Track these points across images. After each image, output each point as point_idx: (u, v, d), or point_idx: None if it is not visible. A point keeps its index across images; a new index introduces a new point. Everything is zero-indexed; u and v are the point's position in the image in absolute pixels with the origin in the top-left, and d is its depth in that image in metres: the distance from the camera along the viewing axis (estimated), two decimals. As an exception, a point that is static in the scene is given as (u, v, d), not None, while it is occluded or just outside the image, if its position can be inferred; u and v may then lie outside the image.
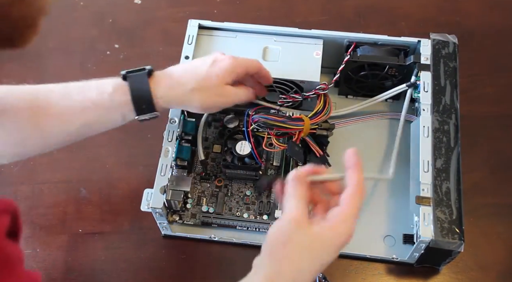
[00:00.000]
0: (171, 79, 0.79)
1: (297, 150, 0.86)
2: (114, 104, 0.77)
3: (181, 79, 0.79)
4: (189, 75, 0.79)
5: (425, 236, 0.76)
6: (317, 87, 0.87)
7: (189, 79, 0.79)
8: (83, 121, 0.77)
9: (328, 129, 0.88)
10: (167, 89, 0.78)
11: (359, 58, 0.91)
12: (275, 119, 0.84)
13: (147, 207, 0.81)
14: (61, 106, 0.76)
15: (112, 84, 0.77)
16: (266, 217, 0.88)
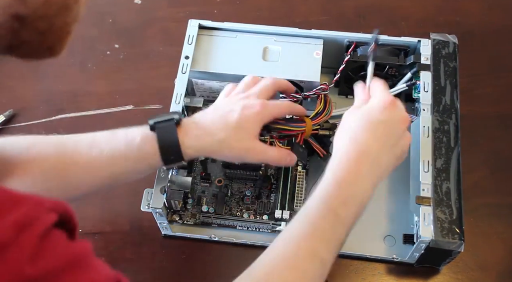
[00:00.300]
0: (200, 129, 0.76)
1: (301, 151, 0.86)
2: (142, 155, 0.75)
3: (210, 129, 0.76)
4: (218, 123, 0.76)
5: (425, 236, 0.76)
6: (318, 87, 0.87)
7: (219, 129, 0.76)
8: (109, 172, 0.75)
9: (330, 129, 0.88)
10: (196, 139, 0.75)
11: (359, 58, 0.91)
12: (277, 122, 0.84)
13: (147, 207, 0.81)
14: (89, 157, 0.74)
15: (141, 134, 0.75)
16: (266, 217, 0.88)
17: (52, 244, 0.45)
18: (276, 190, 0.90)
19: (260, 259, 0.66)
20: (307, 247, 0.65)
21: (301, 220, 0.68)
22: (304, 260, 0.65)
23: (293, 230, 0.68)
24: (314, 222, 0.67)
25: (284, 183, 0.89)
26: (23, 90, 1.06)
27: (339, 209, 0.68)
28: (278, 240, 0.67)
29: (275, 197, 0.89)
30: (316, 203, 0.68)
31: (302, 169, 0.91)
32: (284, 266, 0.64)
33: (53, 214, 0.46)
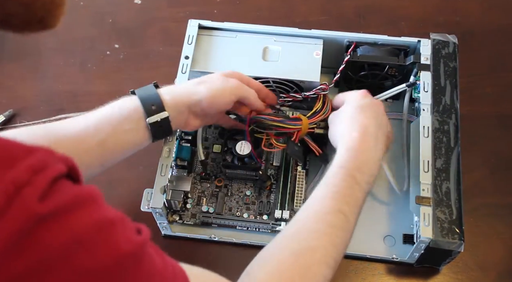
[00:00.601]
0: (174, 89, 0.81)
1: (297, 149, 0.86)
2: (123, 112, 0.77)
3: (183, 84, 0.83)
4: (191, 81, 0.82)
5: (425, 236, 0.76)
6: (318, 87, 0.87)
7: (191, 82, 0.82)
8: (97, 139, 0.75)
9: (326, 128, 0.88)
10: (172, 87, 0.81)
11: (359, 58, 0.91)
12: (273, 119, 0.84)
13: (147, 207, 0.81)
14: (76, 127, 0.75)
15: (122, 99, 0.78)
16: (266, 217, 0.88)
17: (62, 187, 0.46)
18: (276, 190, 0.90)
19: (291, 221, 0.72)
20: (330, 205, 0.71)
21: (322, 185, 0.74)
22: (329, 215, 0.70)
23: (316, 194, 0.73)
24: (335, 185, 0.73)
25: (284, 183, 0.89)
26: (23, 90, 1.06)
27: (355, 173, 0.74)
28: (305, 204, 0.73)
29: (275, 197, 0.89)
30: (334, 170, 0.74)
31: (301, 169, 0.91)
32: (312, 220, 0.70)
33: (63, 165, 0.47)
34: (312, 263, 0.67)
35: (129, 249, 0.48)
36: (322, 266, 0.67)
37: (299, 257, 0.67)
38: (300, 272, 0.66)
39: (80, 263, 0.45)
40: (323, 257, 0.67)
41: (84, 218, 0.46)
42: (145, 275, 0.50)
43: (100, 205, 0.49)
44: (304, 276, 0.66)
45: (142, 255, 0.50)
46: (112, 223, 0.49)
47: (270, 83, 0.90)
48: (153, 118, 0.76)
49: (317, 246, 0.68)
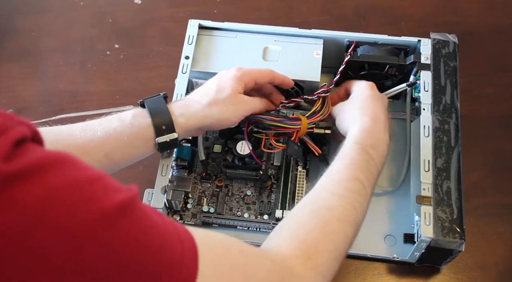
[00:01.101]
0: (186, 100, 0.81)
1: (297, 149, 0.86)
2: (135, 130, 0.76)
3: (195, 98, 0.80)
4: (201, 93, 0.81)
5: (426, 235, 0.76)
6: (319, 90, 0.87)
7: (203, 97, 0.80)
8: (105, 152, 0.75)
9: (325, 128, 0.88)
10: (185, 107, 0.79)
11: (359, 58, 0.91)
12: (272, 119, 0.85)
13: (147, 207, 0.81)
14: (84, 139, 0.75)
15: (132, 112, 0.77)
16: (266, 217, 0.88)
17: (31, 150, 0.44)
18: (276, 189, 0.90)
19: (310, 191, 0.73)
20: (348, 173, 0.73)
21: (338, 159, 0.76)
22: (347, 181, 0.72)
23: (332, 166, 0.75)
24: (351, 157, 0.75)
25: (284, 183, 0.89)
26: (23, 90, 1.06)
27: (370, 150, 0.76)
28: (322, 176, 0.74)
29: (276, 197, 0.89)
30: (350, 146, 0.77)
31: (302, 169, 0.91)
32: (331, 185, 0.72)
33: (26, 128, 0.45)
34: (331, 219, 0.67)
35: (113, 204, 0.45)
36: (342, 223, 0.68)
37: (317, 213, 0.68)
38: (319, 226, 0.66)
39: (58, 221, 0.42)
40: (342, 215, 0.68)
41: (60, 176, 0.44)
42: (139, 230, 0.47)
43: (76, 163, 0.47)
44: (323, 230, 0.66)
45: (133, 210, 0.47)
46: (91, 179, 0.46)
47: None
48: (162, 138, 0.77)
49: (335, 206, 0.69)
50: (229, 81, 0.80)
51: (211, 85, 0.81)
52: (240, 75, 0.81)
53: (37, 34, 1.11)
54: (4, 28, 1.12)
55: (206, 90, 0.81)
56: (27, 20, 1.13)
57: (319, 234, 0.65)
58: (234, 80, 0.81)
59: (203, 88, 0.82)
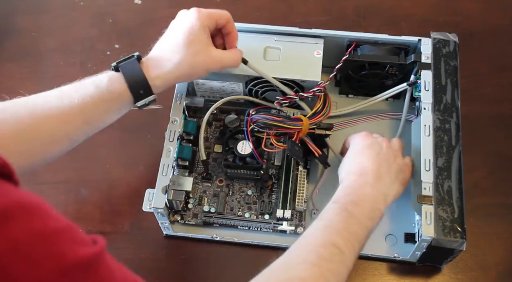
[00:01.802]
0: (157, 59, 0.80)
1: (297, 149, 0.86)
2: (112, 96, 0.77)
3: (166, 55, 0.80)
4: (171, 48, 0.80)
5: (427, 235, 0.76)
6: (315, 88, 0.87)
7: (173, 53, 0.80)
8: (83, 118, 0.77)
9: (327, 128, 0.88)
10: (158, 68, 0.79)
11: (360, 57, 0.91)
12: (274, 119, 0.85)
13: (149, 207, 0.81)
14: (61, 107, 0.75)
15: (107, 77, 0.78)
16: (267, 217, 0.88)
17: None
18: (277, 189, 0.90)
19: (283, 253, 0.70)
20: (322, 238, 0.70)
21: (317, 220, 0.73)
22: (320, 247, 0.69)
23: (310, 228, 0.73)
24: (328, 218, 0.72)
25: (285, 183, 0.89)
26: (23, 90, 1.05)
27: (351, 207, 0.73)
28: (298, 238, 0.72)
29: (277, 197, 0.89)
30: (329, 206, 0.75)
31: (303, 169, 0.91)
32: (303, 251, 0.69)
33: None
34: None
35: (76, 259, 0.45)
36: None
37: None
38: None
39: (18, 274, 0.41)
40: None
41: (24, 226, 0.43)
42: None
43: (43, 212, 0.46)
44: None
45: (97, 267, 0.47)
46: (57, 232, 0.45)
47: (271, 83, 0.90)
48: (141, 102, 0.79)
49: (305, 277, 0.65)
50: (194, 31, 0.80)
51: (178, 37, 0.80)
52: (202, 19, 0.81)
53: (37, 34, 1.11)
54: (4, 28, 1.11)
55: (175, 44, 0.80)
56: (27, 20, 1.13)
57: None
58: (198, 27, 0.80)
59: (170, 40, 0.81)
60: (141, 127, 1.00)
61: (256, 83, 0.91)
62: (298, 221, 0.88)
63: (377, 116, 0.97)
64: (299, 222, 0.88)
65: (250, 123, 0.86)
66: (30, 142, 0.74)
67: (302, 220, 0.88)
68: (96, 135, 0.98)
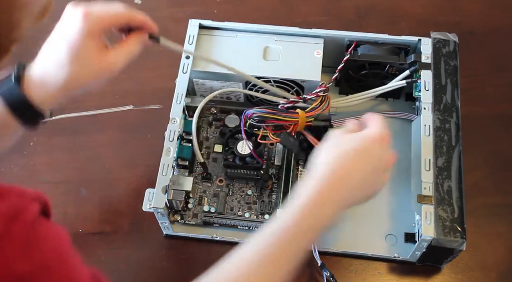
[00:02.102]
0: (42, 77, 0.69)
1: (292, 141, 0.85)
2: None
3: (50, 71, 0.69)
4: (54, 63, 0.69)
5: (427, 235, 0.76)
6: (318, 89, 0.87)
7: (58, 68, 0.69)
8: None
9: (324, 120, 0.87)
10: (43, 90, 0.69)
11: (360, 57, 0.91)
12: (268, 111, 0.84)
13: (149, 206, 0.81)
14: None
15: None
16: (267, 217, 0.88)
17: (41, 234, 0.45)
18: (277, 189, 0.90)
19: (218, 270, 0.67)
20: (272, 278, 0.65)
21: (266, 244, 0.66)
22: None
23: (257, 252, 0.66)
24: (281, 248, 0.65)
25: (285, 182, 0.89)
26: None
27: (309, 234, 0.67)
28: (242, 259, 0.67)
29: (277, 196, 0.89)
30: (282, 231, 0.66)
31: (303, 168, 0.91)
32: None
33: (36, 203, 0.46)
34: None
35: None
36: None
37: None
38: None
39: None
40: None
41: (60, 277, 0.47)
42: None
43: (65, 272, 0.48)
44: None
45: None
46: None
47: (271, 83, 0.90)
48: (34, 126, 0.71)
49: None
50: (80, 44, 0.68)
51: (61, 51, 0.68)
52: (91, 30, 0.68)
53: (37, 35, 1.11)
54: (3, 28, 1.11)
55: (57, 58, 0.69)
56: (27, 20, 1.13)
57: None
58: (86, 40, 0.68)
59: (52, 53, 0.69)
60: (141, 127, 1.00)
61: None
62: (298, 221, 0.88)
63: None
64: (299, 222, 0.87)
65: (246, 119, 0.85)
66: None
67: (302, 220, 0.88)
68: (96, 135, 0.99)
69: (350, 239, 0.87)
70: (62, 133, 1.00)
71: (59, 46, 0.69)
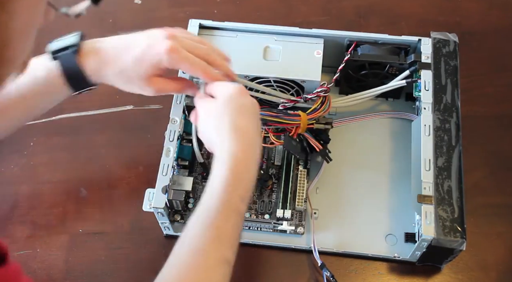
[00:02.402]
0: (100, 56, 0.77)
1: (294, 144, 0.85)
2: (50, 89, 0.78)
3: (110, 58, 0.77)
4: (119, 54, 0.77)
5: (427, 235, 0.76)
6: (319, 89, 0.87)
7: (118, 60, 0.76)
8: (22, 110, 0.78)
9: (326, 123, 0.88)
10: (96, 68, 0.77)
11: (360, 57, 0.91)
12: (270, 114, 0.84)
13: (149, 206, 0.81)
14: (5, 100, 0.76)
15: (45, 68, 0.77)
16: (267, 216, 0.88)
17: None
18: (277, 189, 0.90)
19: (168, 270, 0.66)
20: (216, 256, 0.65)
21: (205, 225, 0.66)
22: (215, 268, 0.64)
23: (199, 237, 0.66)
24: (219, 226, 0.66)
25: (285, 182, 0.89)
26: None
27: (240, 206, 0.68)
28: (184, 247, 0.66)
29: (277, 196, 0.89)
30: (217, 205, 0.67)
31: (303, 168, 0.91)
32: (196, 271, 0.64)
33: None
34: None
35: None
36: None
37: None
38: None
39: None
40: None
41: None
42: None
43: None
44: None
45: None
46: None
47: (271, 83, 0.90)
48: (82, 91, 0.80)
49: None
50: (148, 60, 0.75)
51: (133, 51, 0.76)
52: (167, 60, 0.74)
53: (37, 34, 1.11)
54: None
55: (125, 52, 0.76)
56: (27, 20, 1.13)
57: None
58: (155, 62, 0.74)
59: (125, 46, 0.77)
60: (141, 127, 1.00)
61: (256, 83, 0.91)
62: (298, 221, 0.88)
63: (377, 115, 0.97)
64: (299, 222, 0.88)
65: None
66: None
67: (302, 219, 0.88)
68: (96, 135, 0.99)
69: (350, 239, 0.87)
70: (62, 133, 1.00)
71: (133, 51, 0.75)
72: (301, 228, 0.87)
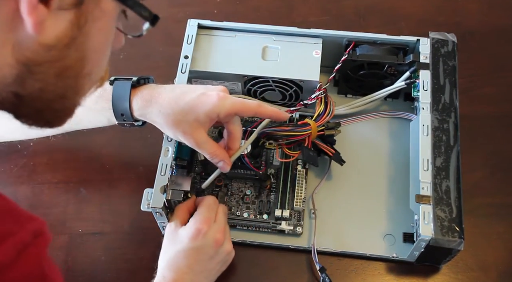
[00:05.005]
0: (152, 96, 0.79)
1: (312, 155, 0.86)
2: (98, 108, 0.82)
3: (160, 100, 0.79)
4: (170, 99, 0.79)
5: (425, 235, 0.76)
6: (317, 93, 0.87)
7: (168, 104, 0.78)
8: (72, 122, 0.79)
9: (334, 127, 0.88)
10: (144, 105, 0.80)
11: (358, 57, 0.91)
12: (283, 130, 0.85)
13: (147, 206, 0.81)
14: None
15: (99, 91, 0.80)
16: (266, 216, 0.88)
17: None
18: (276, 189, 0.90)
19: None
20: None
21: None
22: None
23: None
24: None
25: (284, 182, 0.89)
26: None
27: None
28: None
29: (275, 196, 0.89)
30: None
31: (301, 168, 0.91)
32: None
33: (49, 234, 0.54)
34: None
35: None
36: None
37: None
38: None
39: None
40: None
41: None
42: None
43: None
44: None
45: None
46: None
47: (269, 83, 0.90)
48: (121, 122, 0.83)
49: None
50: (201, 108, 0.77)
51: (185, 98, 0.78)
52: (218, 108, 0.77)
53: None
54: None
55: (177, 98, 0.78)
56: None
57: None
58: (208, 110, 0.77)
59: (180, 92, 0.79)
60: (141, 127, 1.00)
61: (255, 83, 0.91)
62: (297, 221, 0.88)
63: (376, 115, 0.97)
64: (298, 222, 0.88)
65: (260, 137, 0.86)
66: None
67: (300, 219, 0.88)
68: (96, 135, 0.99)
69: (349, 239, 0.87)
70: (62, 133, 1.00)
71: (188, 97, 0.78)
72: (300, 228, 0.87)
